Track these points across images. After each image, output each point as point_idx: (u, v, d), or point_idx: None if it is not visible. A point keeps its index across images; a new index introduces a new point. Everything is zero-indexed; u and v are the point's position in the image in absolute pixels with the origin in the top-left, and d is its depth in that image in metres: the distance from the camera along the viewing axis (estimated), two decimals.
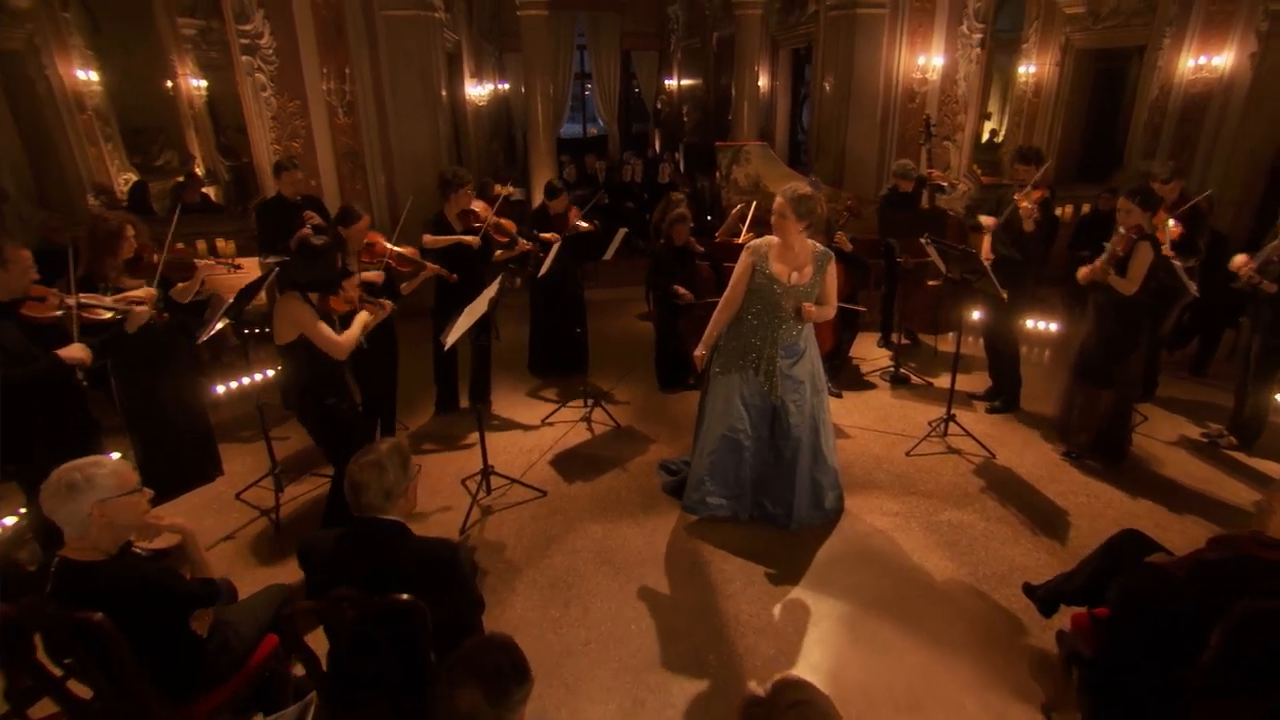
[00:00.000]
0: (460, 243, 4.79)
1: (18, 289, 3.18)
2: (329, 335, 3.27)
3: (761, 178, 7.32)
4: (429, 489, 4.37)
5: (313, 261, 3.27)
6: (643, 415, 5.34)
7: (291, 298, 3.24)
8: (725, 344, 3.82)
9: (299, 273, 3.29)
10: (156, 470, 4.17)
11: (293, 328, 3.25)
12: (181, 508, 4.18)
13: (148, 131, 10.07)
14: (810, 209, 3.53)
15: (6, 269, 3.12)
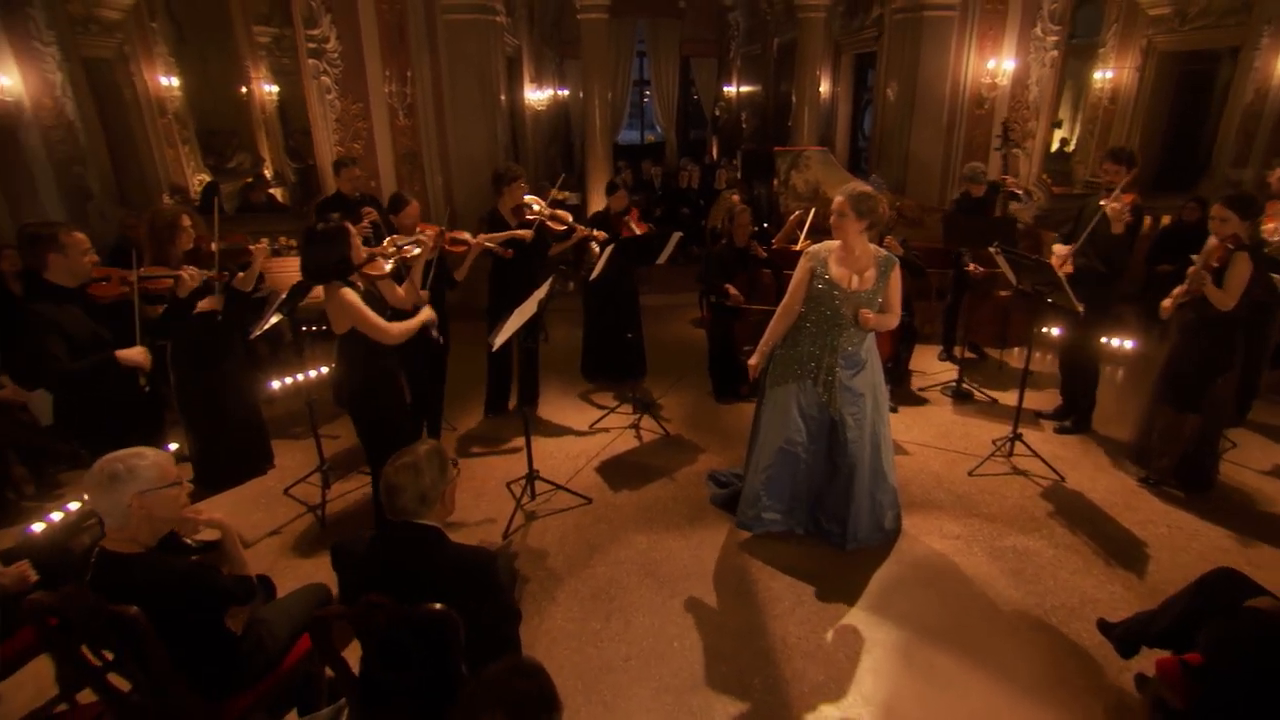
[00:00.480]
0: (514, 237, 4.73)
1: (80, 272, 3.24)
2: (375, 321, 3.20)
3: (821, 184, 7.10)
4: (474, 491, 4.31)
5: (317, 245, 3.13)
6: (693, 424, 5.19)
7: (334, 286, 3.17)
8: (782, 353, 3.65)
9: (308, 261, 3.17)
10: (210, 462, 4.23)
11: (343, 317, 3.19)
12: (231, 500, 4.23)
13: (222, 135, 10.40)
14: (871, 208, 3.35)
15: (65, 253, 3.17)
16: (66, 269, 3.19)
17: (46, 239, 3.14)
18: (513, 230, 4.74)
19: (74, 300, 3.22)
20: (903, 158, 8.02)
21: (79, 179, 7.01)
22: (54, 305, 3.15)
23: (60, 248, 3.15)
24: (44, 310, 3.12)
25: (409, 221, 4.15)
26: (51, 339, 3.09)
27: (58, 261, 3.17)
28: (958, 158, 8.02)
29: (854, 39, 9.47)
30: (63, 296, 3.19)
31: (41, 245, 3.14)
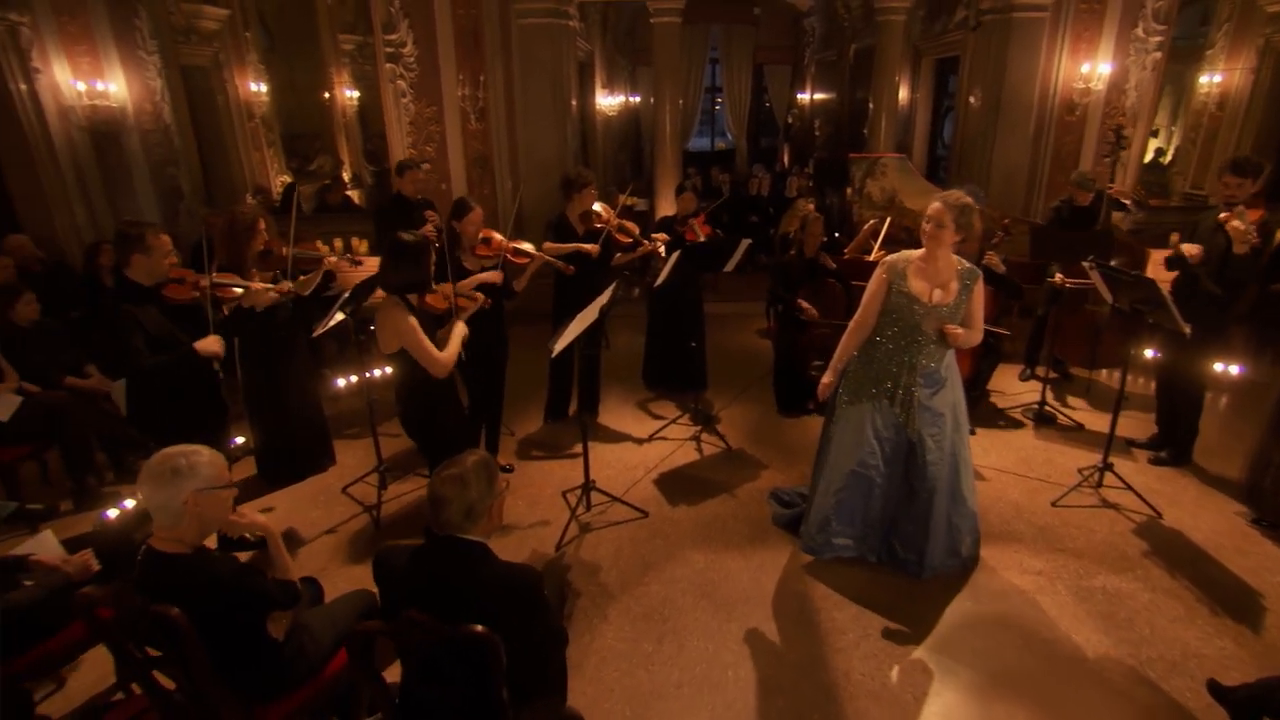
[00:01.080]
0: (580, 250, 4.64)
1: (159, 273, 3.30)
2: (430, 351, 3.10)
3: (898, 192, 6.79)
4: (529, 499, 4.21)
5: (404, 260, 3.10)
6: (756, 438, 4.98)
7: (391, 304, 3.10)
8: (856, 370, 3.42)
9: (391, 274, 3.13)
10: (272, 458, 4.26)
11: (394, 338, 3.11)
12: (290, 496, 4.25)
13: (305, 138, 10.73)
14: (969, 221, 3.10)
15: (149, 254, 3.23)
16: (147, 268, 3.26)
17: (135, 239, 3.22)
18: (579, 244, 4.63)
19: (150, 299, 3.28)
20: (986, 166, 7.61)
21: (172, 179, 7.29)
22: (133, 303, 3.21)
23: (146, 249, 3.22)
24: (129, 309, 3.18)
25: (471, 229, 4.07)
26: (137, 335, 3.15)
27: (140, 261, 3.24)
28: (1045, 167, 7.56)
29: (935, 43, 9.07)
30: (141, 295, 3.25)
31: (130, 244, 3.22)
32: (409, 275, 3.10)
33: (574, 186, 4.65)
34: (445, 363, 3.17)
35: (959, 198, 3.16)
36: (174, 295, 3.37)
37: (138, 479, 2.09)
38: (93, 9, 6.64)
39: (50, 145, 6.42)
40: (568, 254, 4.61)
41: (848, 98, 12.54)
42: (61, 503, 4.18)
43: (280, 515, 4.09)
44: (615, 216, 4.83)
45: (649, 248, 4.90)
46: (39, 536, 2.75)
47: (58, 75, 6.47)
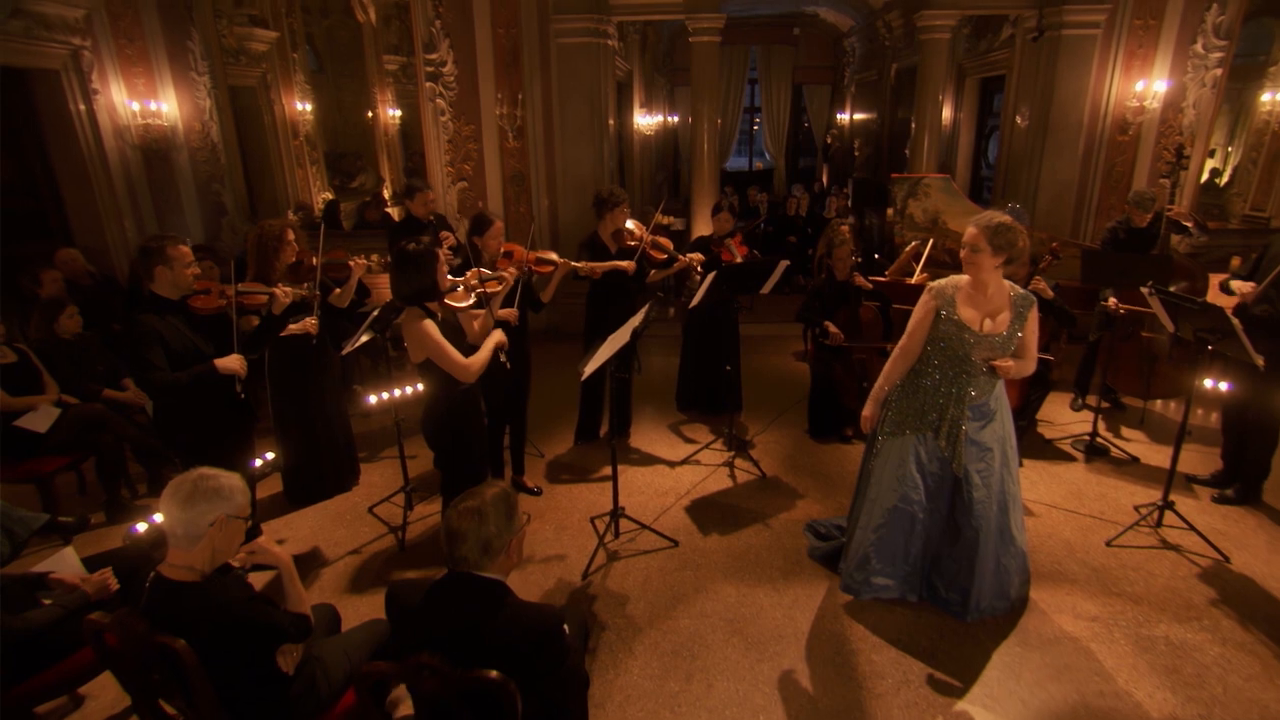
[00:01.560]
0: (616, 268, 4.53)
1: (182, 284, 3.26)
2: (452, 356, 3.03)
3: (941, 213, 6.57)
4: (557, 523, 4.09)
5: (408, 269, 3.03)
6: (791, 465, 4.79)
7: (413, 315, 3.04)
8: (900, 400, 3.23)
9: (400, 285, 3.08)
10: (299, 476, 4.21)
11: (418, 347, 3.05)
12: (316, 515, 4.19)
13: (348, 156, 10.89)
14: (1010, 241, 2.90)
15: (171, 266, 3.19)
16: (170, 281, 3.22)
17: (155, 251, 3.18)
18: (614, 260, 4.54)
19: (176, 312, 3.24)
20: (1033, 187, 7.34)
21: (217, 196, 7.40)
22: (158, 316, 3.18)
23: (167, 261, 3.18)
24: (149, 320, 3.15)
25: (493, 243, 3.99)
26: (154, 349, 3.11)
27: (163, 274, 3.20)
28: (1095, 187, 7.26)
29: (979, 62, 8.85)
30: (166, 308, 3.22)
31: (151, 258, 3.18)
32: (417, 283, 3.04)
33: (606, 205, 4.56)
34: (471, 368, 3.08)
35: (992, 217, 2.96)
36: (201, 306, 3.33)
37: (162, 495, 2.02)
38: (150, 33, 6.82)
39: (105, 162, 6.57)
40: (605, 272, 4.50)
41: (888, 118, 12.32)
42: (95, 515, 4.18)
43: (304, 534, 4.02)
44: (648, 233, 4.72)
45: (684, 262, 4.77)
46: (60, 554, 2.71)
47: (114, 96, 6.64)
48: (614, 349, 3.35)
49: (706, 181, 7.65)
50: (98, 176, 6.52)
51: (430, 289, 3.07)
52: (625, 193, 4.72)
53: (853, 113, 14.64)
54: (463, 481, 3.24)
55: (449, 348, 3.02)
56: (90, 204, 6.53)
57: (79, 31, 6.28)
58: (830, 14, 14.22)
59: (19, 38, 5.83)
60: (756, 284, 4.57)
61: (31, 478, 3.89)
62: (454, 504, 1.93)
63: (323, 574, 3.67)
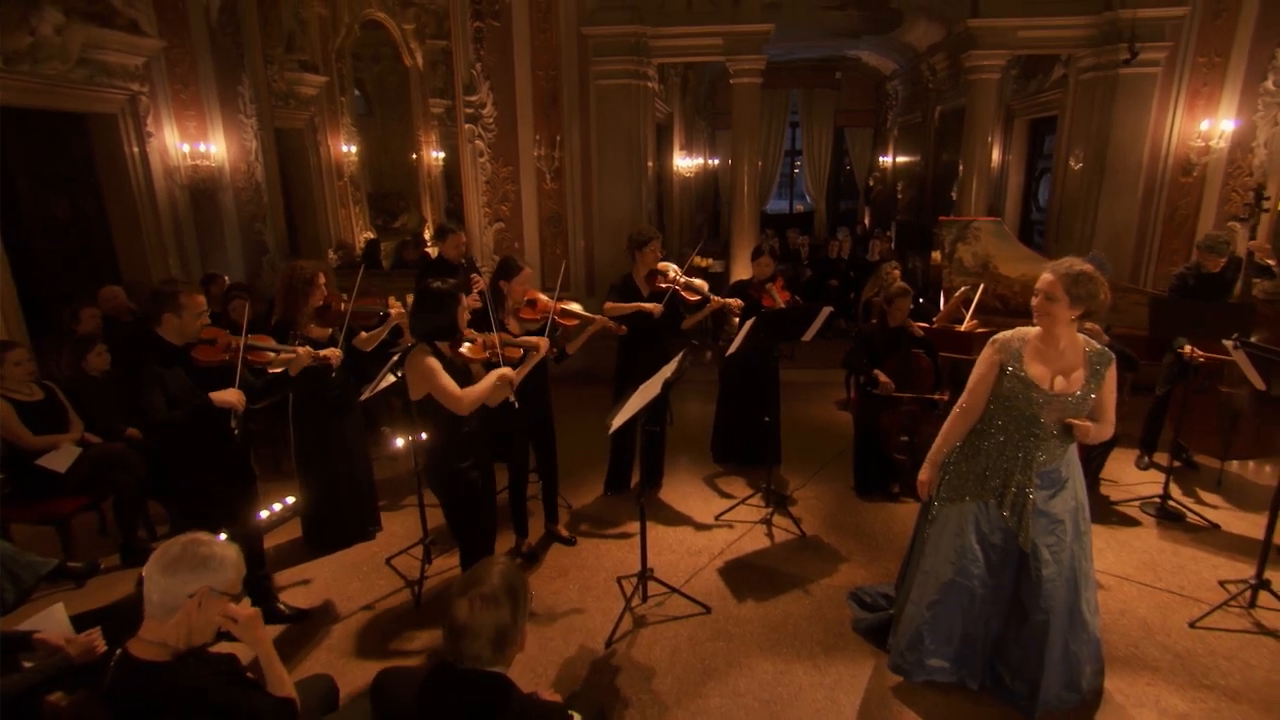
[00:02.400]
0: (641, 309, 4.30)
1: (188, 333, 3.14)
2: (449, 388, 2.87)
3: (992, 258, 6.22)
4: (582, 583, 3.80)
5: (427, 305, 2.95)
6: (833, 524, 4.43)
7: (420, 351, 2.92)
8: (959, 463, 2.91)
9: (418, 321, 2.99)
10: (318, 522, 4.02)
11: (419, 381, 2.92)
12: (333, 565, 3.98)
13: (391, 196, 11.00)
14: (1090, 292, 2.59)
15: (180, 315, 3.08)
16: (177, 328, 3.11)
17: (167, 297, 3.08)
18: (640, 303, 4.31)
19: (178, 360, 3.10)
20: (1089, 231, 6.95)
21: (259, 234, 7.45)
22: (158, 362, 3.04)
23: (178, 308, 3.08)
24: (150, 366, 3.01)
25: (518, 289, 3.79)
26: (154, 392, 2.98)
27: (171, 321, 3.09)
28: (1156, 231, 6.85)
29: (1029, 103, 8.53)
30: (168, 355, 3.09)
31: (162, 303, 3.08)
32: (435, 321, 2.96)
33: (637, 243, 4.36)
34: (465, 399, 2.90)
35: (1071, 265, 2.65)
36: (203, 357, 3.18)
37: (150, 557, 1.81)
38: (204, 78, 6.95)
39: (154, 202, 6.64)
40: (628, 314, 4.28)
41: (932, 160, 12.03)
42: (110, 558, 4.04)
43: (320, 584, 3.81)
44: (682, 274, 4.48)
45: (717, 303, 4.51)
46: (48, 611, 2.52)
47: (167, 138, 6.74)
48: (644, 401, 3.10)
49: (746, 224, 7.44)
50: (146, 216, 6.59)
51: (447, 329, 2.97)
52: (657, 231, 4.51)
53: (895, 155, 14.39)
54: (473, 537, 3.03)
55: (445, 378, 2.88)
56: (138, 242, 6.59)
57: (138, 78, 6.41)
58: (872, 58, 14.09)
59: (81, 85, 5.96)
60: (798, 330, 4.29)
61: (49, 519, 3.77)
62: (460, 591, 1.67)
63: (333, 631, 3.44)
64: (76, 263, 6.37)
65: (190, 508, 3.17)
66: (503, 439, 3.81)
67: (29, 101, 5.68)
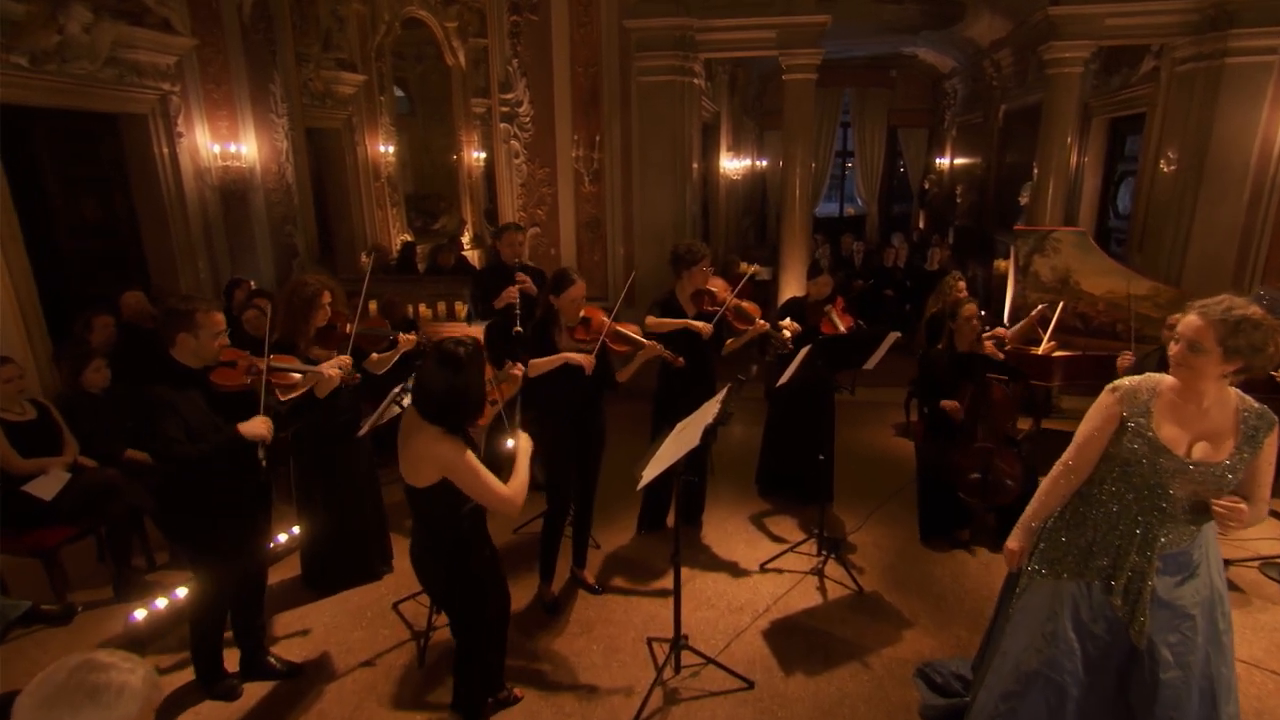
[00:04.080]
0: (689, 328, 3.82)
1: (206, 355, 2.76)
2: (499, 491, 2.25)
3: (1073, 272, 5.55)
4: (607, 644, 3.32)
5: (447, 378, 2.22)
6: (894, 577, 3.87)
7: (439, 438, 2.26)
8: (1058, 532, 2.35)
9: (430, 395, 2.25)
10: (319, 559, 3.65)
11: (433, 468, 2.26)
12: (334, 607, 3.59)
13: (431, 198, 10.70)
14: (1255, 344, 1.99)
15: (197, 335, 2.71)
16: (194, 350, 2.74)
17: (182, 316, 2.71)
18: (688, 320, 3.83)
19: (194, 384, 2.74)
20: (1181, 240, 6.19)
21: (289, 237, 7.17)
22: (173, 388, 2.67)
23: (193, 327, 2.70)
24: (162, 392, 2.65)
25: (571, 307, 3.33)
26: (168, 418, 2.61)
27: (186, 342, 2.72)
28: (1263, 241, 6.06)
29: (1109, 100, 7.74)
30: (184, 379, 2.72)
31: (176, 322, 2.71)
32: (455, 398, 2.23)
33: (684, 262, 3.87)
34: (517, 499, 2.32)
35: (1230, 308, 2.03)
36: (223, 381, 2.81)
37: (25, 689, 1.38)
38: (236, 77, 6.69)
39: (183, 203, 6.40)
40: (674, 332, 3.80)
41: (994, 162, 11.23)
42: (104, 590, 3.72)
43: (319, 632, 3.41)
44: (732, 296, 3.98)
45: (761, 328, 3.98)
46: None
47: (198, 138, 6.49)
48: (679, 452, 2.60)
49: (798, 229, 6.86)
50: (175, 218, 6.35)
51: (471, 408, 2.30)
52: (707, 248, 4.01)
53: (953, 157, 13.58)
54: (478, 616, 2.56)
55: (491, 479, 2.27)
56: (166, 245, 6.35)
57: (169, 77, 6.17)
58: (930, 55, 13.29)
59: (111, 85, 5.72)
60: (860, 359, 3.74)
61: (35, 551, 3.45)
62: None
63: (326, 692, 3.03)
64: (105, 265, 6.15)
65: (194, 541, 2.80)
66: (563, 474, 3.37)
67: (56, 102, 5.46)
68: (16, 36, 5.04)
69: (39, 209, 5.59)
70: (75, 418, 3.82)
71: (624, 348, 3.45)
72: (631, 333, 3.48)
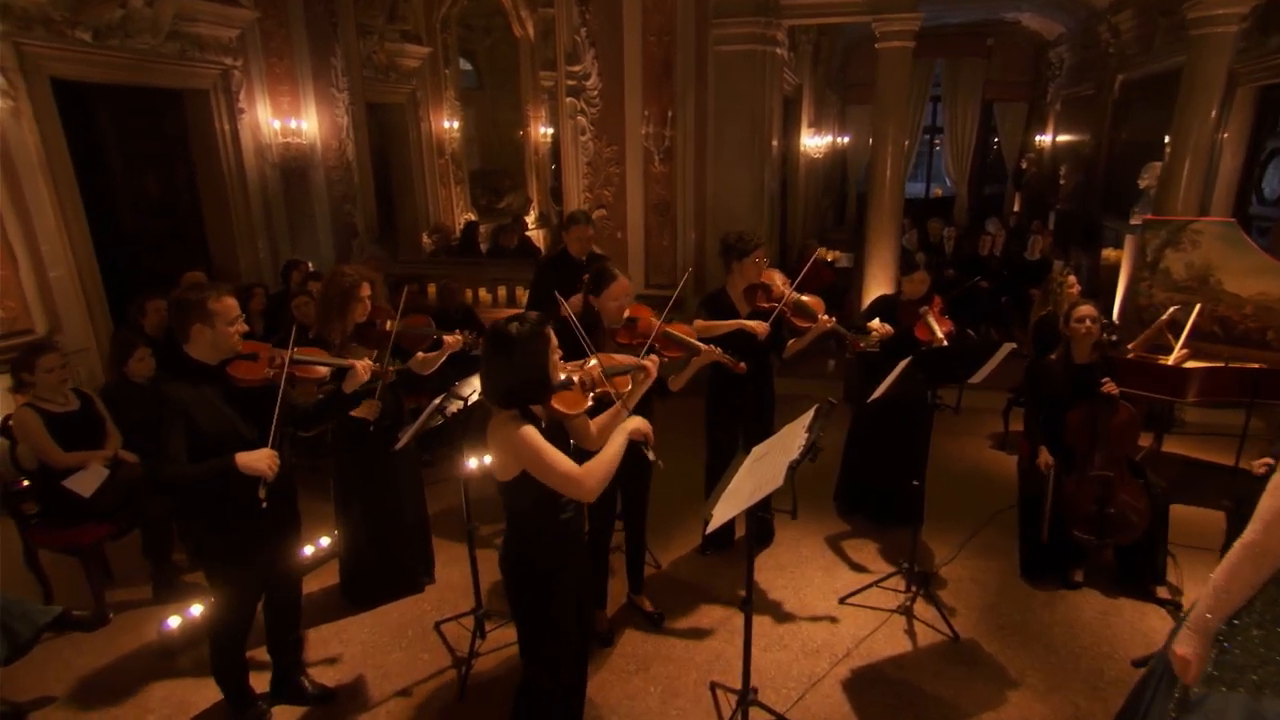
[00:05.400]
0: (742, 330, 3.40)
1: (224, 346, 2.48)
2: (564, 469, 2.03)
3: (1214, 269, 4.83)
4: (666, 685, 2.99)
5: (506, 358, 2.05)
6: (995, 622, 3.39)
7: (506, 419, 2.08)
8: (1248, 632, 1.86)
9: (493, 379, 2.10)
10: (358, 571, 3.43)
11: (510, 459, 2.08)
12: (373, 623, 3.38)
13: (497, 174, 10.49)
14: None
15: (212, 324, 2.43)
16: (210, 342, 2.46)
17: (193, 306, 2.43)
18: (741, 321, 3.41)
19: (213, 380, 2.49)
20: None
21: (348, 216, 7.05)
22: (190, 386, 2.44)
23: (207, 317, 2.42)
24: (177, 393, 2.41)
25: (613, 306, 2.95)
26: (174, 432, 2.36)
27: (202, 334, 2.44)
28: None
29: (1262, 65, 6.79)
30: (200, 375, 2.47)
31: (188, 314, 2.43)
32: (515, 377, 2.06)
33: (734, 253, 3.44)
34: (588, 481, 2.04)
35: None
36: (243, 376, 2.54)
37: None
38: (298, 50, 6.56)
39: (244, 181, 6.34)
40: (726, 334, 3.40)
41: (1106, 139, 10.21)
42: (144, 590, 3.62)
43: (355, 652, 3.20)
44: (791, 290, 3.52)
45: (825, 325, 3.50)
46: None
47: (260, 114, 6.41)
48: (758, 492, 2.19)
49: (887, 214, 6.29)
50: (236, 195, 6.29)
51: (535, 386, 2.10)
52: (761, 237, 3.55)
53: (1056, 134, 12.52)
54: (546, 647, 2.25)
55: (556, 456, 2.03)
56: (226, 223, 6.31)
57: (231, 51, 6.08)
58: (1035, 20, 12.23)
59: (173, 60, 5.66)
60: (966, 370, 3.26)
61: (71, 548, 3.36)
62: None
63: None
64: (167, 243, 6.15)
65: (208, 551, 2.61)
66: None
67: (119, 78, 5.41)
68: (80, 10, 4.98)
69: (102, 185, 5.58)
70: (119, 409, 3.70)
71: (677, 353, 3.05)
72: (685, 335, 3.07)
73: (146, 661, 3.16)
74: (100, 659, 3.17)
